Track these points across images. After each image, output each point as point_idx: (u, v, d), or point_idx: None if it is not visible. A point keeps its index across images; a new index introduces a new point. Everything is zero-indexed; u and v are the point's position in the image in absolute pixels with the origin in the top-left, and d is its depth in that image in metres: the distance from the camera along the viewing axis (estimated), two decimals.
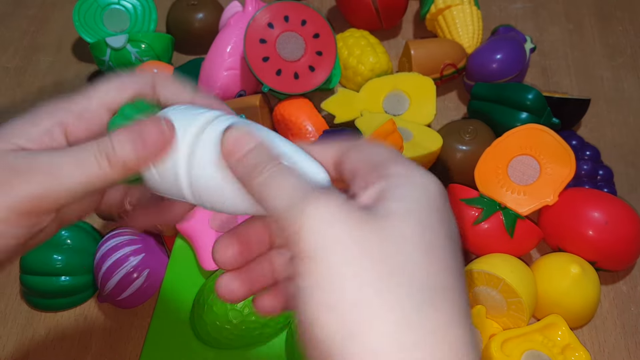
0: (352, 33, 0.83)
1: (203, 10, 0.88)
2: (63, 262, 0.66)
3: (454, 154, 0.71)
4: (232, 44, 0.77)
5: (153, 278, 0.64)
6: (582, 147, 0.72)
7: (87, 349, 0.66)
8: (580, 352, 0.59)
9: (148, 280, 0.63)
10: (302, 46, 0.75)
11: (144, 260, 0.64)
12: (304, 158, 0.32)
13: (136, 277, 0.62)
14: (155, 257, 0.65)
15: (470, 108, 0.78)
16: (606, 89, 0.84)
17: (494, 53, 0.77)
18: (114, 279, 0.62)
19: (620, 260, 0.65)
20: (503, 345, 0.58)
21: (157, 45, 0.82)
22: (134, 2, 0.87)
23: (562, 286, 0.61)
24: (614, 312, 0.66)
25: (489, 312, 0.62)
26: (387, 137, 0.58)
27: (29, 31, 0.98)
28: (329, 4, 0.97)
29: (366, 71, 0.79)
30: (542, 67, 0.87)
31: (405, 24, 0.94)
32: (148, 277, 0.63)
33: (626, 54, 0.88)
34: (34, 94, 0.89)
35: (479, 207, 0.64)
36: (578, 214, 0.64)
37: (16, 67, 0.93)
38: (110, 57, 0.81)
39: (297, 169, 0.30)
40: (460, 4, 0.84)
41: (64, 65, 0.93)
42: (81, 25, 0.85)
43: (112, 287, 0.62)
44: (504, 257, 0.63)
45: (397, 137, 0.59)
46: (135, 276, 0.62)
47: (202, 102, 0.38)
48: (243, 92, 0.78)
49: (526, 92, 0.71)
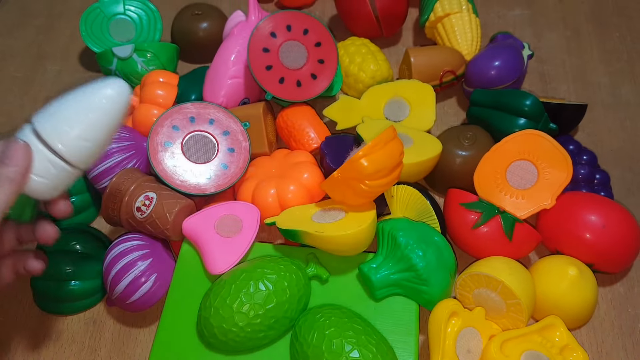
0: (353, 41, 0.84)
1: (207, 20, 0.90)
2: (72, 268, 0.67)
3: (453, 159, 0.72)
4: (236, 52, 0.78)
5: (161, 282, 0.65)
6: (579, 152, 0.73)
7: (96, 352, 0.68)
8: (578, 352, 0.60)
9: (156, 284, 0.65)
10: (305, 55, 0.76)
11: (151, 264, 0.65)
12: None
13: (144, 281, 0.64)
14: (162, 262, 0.67)
15: (469, 114, 0.79)
16: (603, 95, 0.85)
17: (493, 60, 0.78)
18: (122, 283, 0.63)
19: (618, 262, 0.66)
20: (502, 345, 0.59)
21: (163, 54, 0.83)
22: (139, 12, 0.89)
23: (560, 288, 0.62)
24: (611, 313, 0.67)
25: (489, 313, 0.63)
26: (388, 143, 0.60)
27: (36, 41, 1.00)
28: (331, 13, 0.98)
29: (367, 78, 0.80)
30: (540, 73, 0.88)
31: (405, 32, 0.95)
32: (156, 281, 0.65)
33: (623, 59, 0.89)
34: (41, 103, 0.91)
35: (478, 211, 0.65)
36: (576, 217, 0.65)
37: (24, 76, 0.95)
38: (116, 67, 0.82)
39: None
40: (459, 11, 0.86)
41: (70, 74, 0.95)
42: (88, 35, 0.87)
43: (120, 291, 0.63)
44: (502, 259, 0.64)
45: (397, 143, 0.60)
46: (143, 280, 0.64)
47: None
48: (247, 99, 0.80)
49: (524, 98, 0.72)
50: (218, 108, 0.73)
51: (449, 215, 0.68)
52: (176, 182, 0.68)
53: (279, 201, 0.68)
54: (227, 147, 0.71)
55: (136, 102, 0.78)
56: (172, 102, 0.76)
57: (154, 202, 0.66)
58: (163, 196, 0.67)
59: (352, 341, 0.55)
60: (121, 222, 0.68)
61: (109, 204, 0.67)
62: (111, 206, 0.67)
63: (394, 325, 0.61)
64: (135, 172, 0.69)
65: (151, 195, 0.66)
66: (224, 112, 0.73)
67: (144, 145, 0.73)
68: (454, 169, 0.72)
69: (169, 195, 0.67)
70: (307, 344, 0.57)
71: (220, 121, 0.72)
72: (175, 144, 0.70)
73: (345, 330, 0.56)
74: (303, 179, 0.69)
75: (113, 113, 0.49)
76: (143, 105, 0.76)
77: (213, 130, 0.72)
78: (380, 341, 0.57)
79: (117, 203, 0.67)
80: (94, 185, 0.71)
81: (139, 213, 0.66)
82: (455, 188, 0.70)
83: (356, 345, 0.55)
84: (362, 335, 0.56)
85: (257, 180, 0.71)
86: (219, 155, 0.71)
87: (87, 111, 0.48)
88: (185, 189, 0.68)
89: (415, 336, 0.60)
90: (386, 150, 0.59)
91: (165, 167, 0.69)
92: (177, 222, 0.66)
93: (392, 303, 0.63)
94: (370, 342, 0.56)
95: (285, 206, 0.68)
